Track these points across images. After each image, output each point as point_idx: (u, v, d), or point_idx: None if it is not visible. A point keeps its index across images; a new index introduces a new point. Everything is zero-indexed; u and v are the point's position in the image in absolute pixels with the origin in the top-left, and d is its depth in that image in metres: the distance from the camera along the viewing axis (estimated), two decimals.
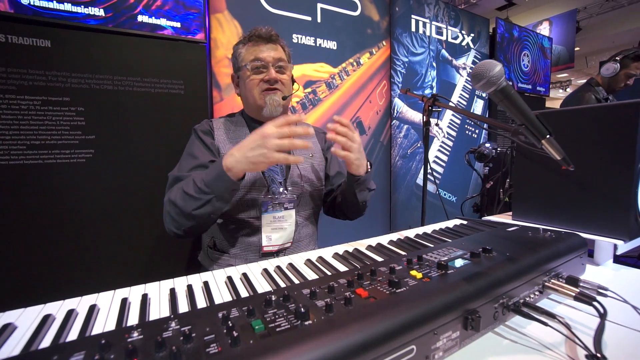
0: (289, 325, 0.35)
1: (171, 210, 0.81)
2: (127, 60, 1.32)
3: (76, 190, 1.25)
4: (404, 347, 0.38)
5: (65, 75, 1.21)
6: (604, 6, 7.60)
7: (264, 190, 0.96)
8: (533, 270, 0.56)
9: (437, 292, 0.44)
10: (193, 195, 0.77)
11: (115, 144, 1.31)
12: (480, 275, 0.50)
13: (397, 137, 2.30)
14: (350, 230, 1.95)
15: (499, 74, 0.46)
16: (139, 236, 1.37)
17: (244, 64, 0.97)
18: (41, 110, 1.17)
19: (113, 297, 0.47)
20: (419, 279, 0.49)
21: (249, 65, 0.96)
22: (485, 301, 0.47)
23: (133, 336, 0.33)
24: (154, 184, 1.37)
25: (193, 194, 0.77)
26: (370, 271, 0.50)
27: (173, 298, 0.46)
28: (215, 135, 0.98)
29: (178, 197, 0.80)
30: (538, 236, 0.70)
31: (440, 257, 0.58)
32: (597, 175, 0.82)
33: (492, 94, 0.48)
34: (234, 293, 0.48)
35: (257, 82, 0.96)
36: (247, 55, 0.97)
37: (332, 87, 1.95)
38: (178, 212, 0.80)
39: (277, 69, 0.97)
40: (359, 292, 0.44)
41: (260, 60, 0.96)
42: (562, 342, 0.49)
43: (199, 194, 0.77)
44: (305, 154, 1.06)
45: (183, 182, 0.83)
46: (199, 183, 0.77)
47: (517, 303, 0.52)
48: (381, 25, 2.16)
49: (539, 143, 0.49)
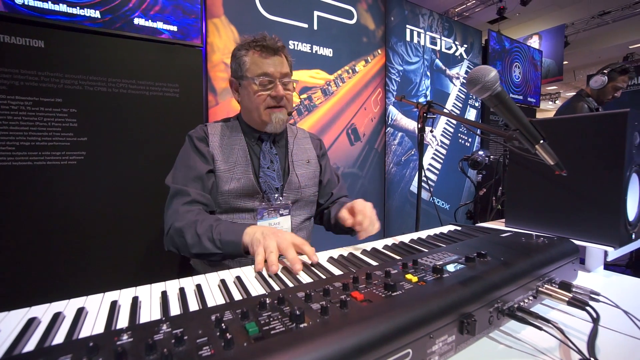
0: (284, 327, 0.35)
1: (176, 239, 0.80)
2: (122, 63, 1.31)
3: (66, 193, 1.23)
4: (400, 350, 0.37)
5: (58, 76, 1.19)
6: (590, 22, 7.89)
7: (258, 197, 0.96)
8: (527, 275, 0.56)
9: (432, 296, 0.44)
10: (203, 242, 0.76)
11: (107, 146, 1.29)
12: (475, 279, 0.50)
13: (391, 145, 2.32)
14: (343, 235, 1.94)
15: (493, 79, 0.47)
16: (130, 241, 1.34)
17: (251, 76, 0.94)
18: (32, 111, 1.15)
19: (102, 300, 0.46)
20: (415, 282, 0.49)
21: (257, 80, 0.93)
22: (480, 305, 0.47)
23: (123, 339, 0.32)
24: (146, 188, 1.35)
25: (204, 242, 0.76)
26: (366, 275, 0.50)
27: (165, 301, 0.45)
28: (210, 142, 0.96)
29: (189, 233, 0.78)
30: (531, 242, 0.71)
31: (435, 261, 0.58)
32: (587, 183, 0.83)
33: (487, 99, 0.49)
34: (228, 296, 0.47)
35: (264, 99, 0.94)
36: (254, 67, 0.94)
37: (327, 94, 1.97)
38: (183, 244, 0.79)
39: (283, 84, 0.96)
40: (355, 296, 0.43)
41: (268, 77, 0.94)
42: (556, 346, 0.49)
43: (210, 245, 0.76)
44: (302, 159, 1.07)
45: (198, 219, 0.80)
46: (215, 234, 0.76)
47: (512, 308, 0.52)
48: (377, 34, 2.20)
49: (533, 148, 0.50)
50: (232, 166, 0.94)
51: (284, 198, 0.99)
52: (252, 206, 0.95)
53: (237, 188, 0.93)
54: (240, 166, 0.95)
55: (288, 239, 0.67)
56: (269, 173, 0.98)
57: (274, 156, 1.01)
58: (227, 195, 0.93)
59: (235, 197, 0.93)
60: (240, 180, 0.93)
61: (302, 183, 1.03)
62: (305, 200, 1.05)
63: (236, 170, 0.94)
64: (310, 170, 1.08)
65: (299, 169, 1.04)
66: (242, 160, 0.96)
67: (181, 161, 0.94)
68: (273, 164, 1.00)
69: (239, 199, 0.94)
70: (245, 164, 0.96)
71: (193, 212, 0.84)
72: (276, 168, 1.00)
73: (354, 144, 2.11)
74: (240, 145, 0.98)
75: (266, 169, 0.98)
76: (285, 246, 0.65)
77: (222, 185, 0.92)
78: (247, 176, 0.94)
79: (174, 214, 0.84)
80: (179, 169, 0.93)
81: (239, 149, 0.97)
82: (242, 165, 0.95)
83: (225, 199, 0.93)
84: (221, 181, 0.92)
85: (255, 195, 0.95)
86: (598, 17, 7.70)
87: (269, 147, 1.01)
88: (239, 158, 0.96)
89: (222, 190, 0.92)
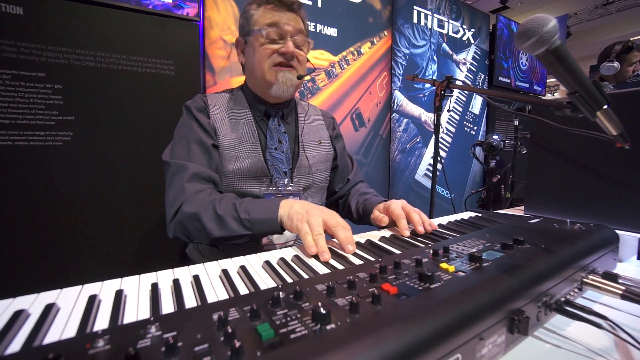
0: (306, 330, 0.27)
1: (188, 224, 0.69)
2: (112, 35, 1.20)
3: (51, 177, 1.13)
4: (449, 356, 0.30)
5: (41, 48, 1.09)
6: (594, 13, 7.75)
7: (266, 182, 0.85)
8: (573, 264, 0.49)
9: (479, 288, 0.37)
10: (228, 224, 0.66)
11: (96, 126, 1.20)
12: (519, 268, 0.43)
13: (396, 131, 2.23)
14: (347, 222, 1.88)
15: (553, 30, 0.39)
16: (122, 229, 1.26)
17: (257, 27, 0.81)
18: (11, 86, 1.05)
19: (79, 294, 0.38)
20: (452, 272, 0.41)
21: (264, 31, 0.80)
22: (529, 300, 0.40)
23: (97, 346, 0.24)
24: (139, 172, 1.27)
25: (229, 223, 0.66)
26: (394, 263, 0.43)
27: (155, 295, 0.38)
28: (210, 113, 0.83)
29: (206, 216, 0.67)
30: (566, 228, 0.64)
31: (468, 248, 0.51)
32: (621, 165, 0.76)
33: (542, 55, 0.41)
34: (232, 289, 0.39)
35: (270, 53, 0.81)
36: (262, 19, 0.81)
37: (331, 76, 1.87)
38: (199, 229, 0.68)
39: (295, 42, 0.83)
40: (386, 288, 0.36)
41: (278, 27, 0.81)
42: (612, 346, 0.42)
43: (237, 225, 0.65)
44: (313, 140, 0.95)
45: (215, 198, 0.70)
46: (241, 213, 0.65)
47: (559, 302, 0.45)
48: (383, 14, 2.08)
49: (594, 115, 0.42)
50: (237, 143, 0.83)
51: (294, 184, 0.88)
52: (259, 191, 0.84)
53: (243, 168, 0.82)
54: (246, 143, 0.83)
55: (336, 216, 0.59)
56: (276, 155, 0.86)
57: (282, 135, 0.89)
58: (230, 177, 0.82)
59: (240, 179, 0.82)
60: (247, 160, 0.82)
61: (313, 167, 0.92)
62: (316, 187, 0.95)
63: (242, 148, 0.82)
64: (322, 152, 0.96)
65: (309, 150, 0.92)
66: (248, 137, 0.84)
67: (181, 133, 0.81)
68: (281, 144, 0.88)
69: (243, 181, 0.83)
70: (253, 141, 0.84)
71: (205, 191, 0.72)
72: (285, 149, 0.88)
73: (359, 129, 2.02)
74: (247, 119, 0.86)
75: (273, 150, 0.86)
76: (333, 223, 0.57)
77: (225, 165, 0.81)
78: (255, 155, 0.83)
79: (179, 194, 0.72)
80: (179, 142, 0.80)
81: (245, 123, 0.85)
82: (249, 143, 0.83)
83: (228, 181, 0.82)
84: (224, 160, 0.81)
85: (263, 179, 0.84)
86: (602, 7, 7.57)
87: (277, 124, 0.89)
88: (245, 134, 0.84)
89: (226, 171, 0.81)
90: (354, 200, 0.95)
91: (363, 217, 0.89)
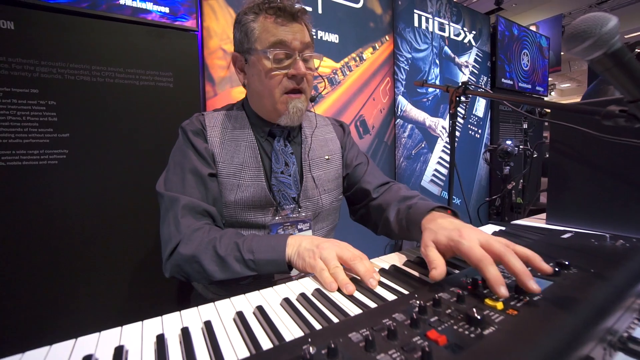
0: None
1: (186, 267, 0.62)
2: (108, 48, 1.16)
3: (47, 197, 1.08)
4: None
5: (33, 64, 1.04)
6: (588, 12, 7.82)
7: (271, 210, 0.77)
8: (630, 290, 0.44)
9: (541, 333, 0.31)
10: (230, 266, 0.59)
11: (93, 143, 1.14)
12: (577, 302, 0.38)
13: (401, 137, 2.19)
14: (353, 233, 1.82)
15: (613, 31, 0.34)
16: (120, 252, 1.20)
17: (261, 48, 0.72)
18: (3, 104, 1.00)
19: (72, 352, 0.32)
20: (501, 310, 0.36)
21: (270, 53, 0.70)
22: (596, 341, 0.35)
23: None
24: (138, 191, 1.21)
25: (231, 265, 0.59)
26: (433, 300, 0.37)
27: (161, 350, 0.32)
28: (208, 136, 0.76)
29: (206, 258, 0.60)
30: (607, 245, 0.58)
31: (507, 274, 0.45)
32: None
33: (596, 60, 0.36)
34: (251, 341, 0.33)
35: (280, 79, 0.73)
36: (265, 35, 0.71)
37: (334, 83, 1.83)
38: (198, 272, 0.61)
39: (304, 60, 0.74)
40: (433, 337, 0.31)
41: (285, 48, 0.71)
42: None
43: (240, 267, 0.58)
44: (320, 157, 0.85)
45: (215, 237, 0.62)
46: (245, 253, 0.59)
47: (622, 338, 0.39)
48: (384, 19, 2.06)
49: None
50: (238, 169, 0.75)
51: (302, 209, 0.80)
52: (264, 221, 0.76)
53: (245, 198, 0.74)
54: (249, 170, 0.76)
55: (350, 248, 0.54)
56: (282, 179, 0.78)
57: (289, 156, 0.80)
58: (232, 207, 0.74)
59: (243, 209, 0.75)
60: (249, 188, 0.74)
61: (320, 188, 0.83)
62: (327, 210, 0.86)
63: (243, 175, 0.75)
64: (330, 170, 0.86)
65: (315, 169, 0.83)
66: (250, 162, 0.76)
67: (176, 159, 0.74)
68: (288, 167, 0.80)
69: (247, 211, 0.75)
70: (256, 166, 0.76)
71: (202, 229, 0.65)
72: (292, 172, 0.80)
73: (363, 136, 1.97)
74: (248, 141, 0.78)
75: (279, 174, 0.78)
76: (349, 256, 0.51)
77: (225, 195, 0.74)
78: (258, 183, 0.75)
79: (174, 232, 0.65)
80: (173, 170, 0.72)
81: (247, 146, 0.77)
82: (252, 169, 0.76)
83: (230, 212, 0.75)
84: (224, 189, 0.74)
85: (269, 207, 0.76)
86: (596, 5, 7.62)
87: (283, 145, 0.80)
88: (247, 159, 0.76)
89: (227, 201, 0.74)
90: (392, 209, 0.75)
91: (409, 231, 0.67)
